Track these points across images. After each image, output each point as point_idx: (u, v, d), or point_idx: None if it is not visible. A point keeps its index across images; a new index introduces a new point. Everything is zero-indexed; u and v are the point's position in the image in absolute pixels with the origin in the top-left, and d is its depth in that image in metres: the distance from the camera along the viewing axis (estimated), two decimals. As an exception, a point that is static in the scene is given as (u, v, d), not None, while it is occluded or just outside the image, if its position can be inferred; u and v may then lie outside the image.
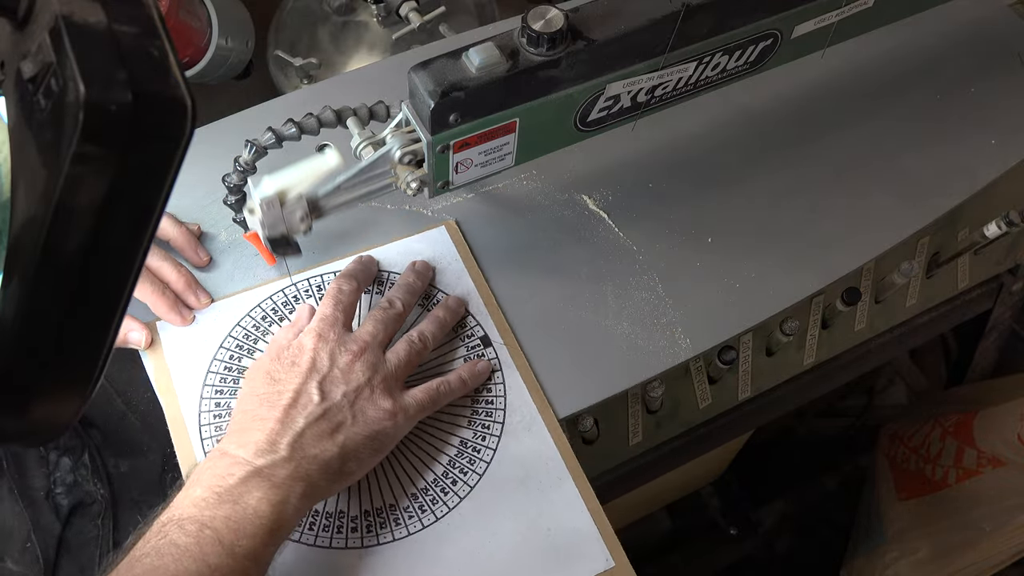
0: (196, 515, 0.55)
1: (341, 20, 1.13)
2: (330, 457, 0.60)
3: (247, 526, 0.55)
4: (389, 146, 0.65)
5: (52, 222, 0.36)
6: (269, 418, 0.60)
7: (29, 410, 0.43)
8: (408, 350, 0.67)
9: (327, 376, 0.63)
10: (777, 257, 0.78)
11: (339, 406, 0.62)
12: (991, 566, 1.16)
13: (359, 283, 0.70)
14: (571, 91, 0.65)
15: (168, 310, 0.71)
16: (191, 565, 0.53)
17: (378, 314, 0.68)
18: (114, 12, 0.35)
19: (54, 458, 0.87)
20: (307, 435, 0.60)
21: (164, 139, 0.36)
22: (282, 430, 0.59)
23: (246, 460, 0.58)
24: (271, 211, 0.63)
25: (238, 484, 0.56)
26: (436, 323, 0.70)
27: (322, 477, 0.59)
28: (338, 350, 0.64)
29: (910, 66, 0.91)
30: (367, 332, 0.66)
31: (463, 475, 0.67)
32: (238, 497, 0.56)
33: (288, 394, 0.61)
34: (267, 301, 0.73)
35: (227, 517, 0.55)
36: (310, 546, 0.64)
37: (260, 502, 0.56)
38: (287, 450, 0.59)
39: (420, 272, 0.74)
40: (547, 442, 0.68)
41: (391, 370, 0.65)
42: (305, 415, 0.60)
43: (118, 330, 0.42)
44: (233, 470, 0.57)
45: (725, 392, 0.84)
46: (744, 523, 1.45)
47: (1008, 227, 0.83)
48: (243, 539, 0.55)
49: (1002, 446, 1.15)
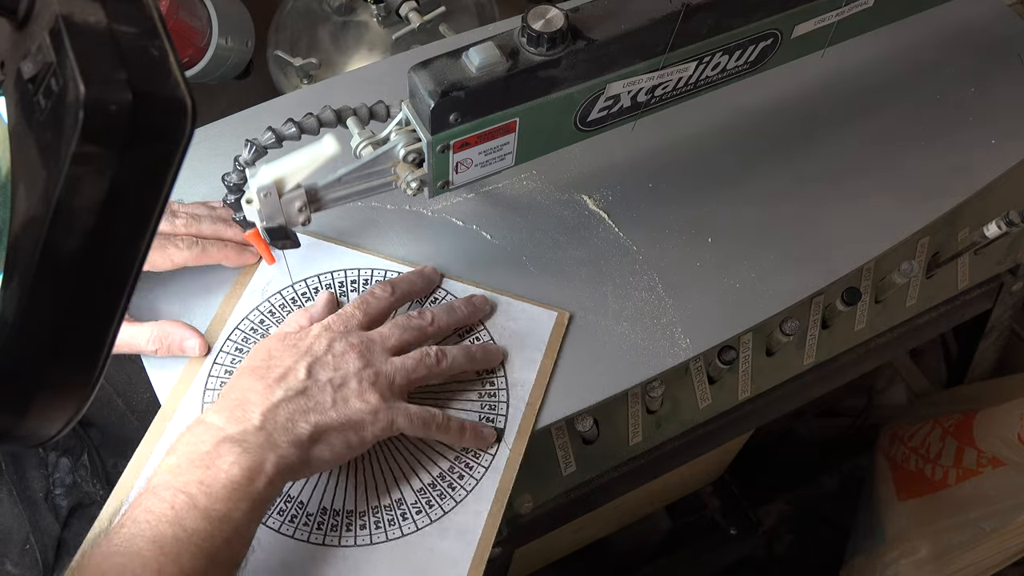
0: (170, 481, 0.55)
1: (341, 20, 1.13)
2: (301, 434, 0.59)
3: (220, 489, 0.55)
4: (394, 143, 0.65)
5: (52, 222, 0.36)
6: (251, 389, 0.61)
7: (29, 410, 0.43)
8: (418, 360, 0.65)
9: (319, 359, 0.63)
10: (777, 257, 0.78)
11: (321, 387, 0.61)
12: (991, 566, 1.15)
13: (397, 295, 0.69)
14: (571, 91, 0.65)
15: (238, 256, 0.72)
16: (167, 530, 0.53)
17: (402, 320, 0.67)
18: (114, 12, 0.35)
19: (53, 459, 0.87)
20: (282, 409, 0.60)
21: (164, 139, 0.36)
22: (258, 400, 0.60)
23: (219, 427, 0.58)
24: (268, 201, 0.63)
25: (210, 450, 0.57)
26: (466, 353, 0.68)
27: (293, 452, 0.58)
28: (339, 339, 0.64)
29: (910, 66, 0.91)
30: (378, 332, 0.66)
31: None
32: (210, 462, 0.56)
33: (277, 370, 0.62)
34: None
35: (200, 481, 0.55)
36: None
37: (232, 466, 0.56)
38: (259, 419, 0.59)
39: (475, 306, 0.72)
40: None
41: (389, 371, 0.64)
42: (285, 389, 0.60)
43: (118, 330, 0.42)
44: (205, 436, 0.58)
45: (725, 392, 0.84)
46: (744, 523, 1.45)
47: (1008, 227, 0.83)
48: (217, 503, 0.55)
49: (1002, 446, 1.15)
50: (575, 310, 0.74)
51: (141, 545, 0.52)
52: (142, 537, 0.53)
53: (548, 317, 0.73)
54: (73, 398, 0.44)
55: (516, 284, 0.75)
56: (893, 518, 1.26)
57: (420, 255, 0.76)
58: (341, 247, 0.76)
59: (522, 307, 0.73)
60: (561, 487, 0.80)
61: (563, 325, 0.73)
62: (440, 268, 0.75)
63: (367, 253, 0.76)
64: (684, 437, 0.85)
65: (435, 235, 0.77)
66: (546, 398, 0.70)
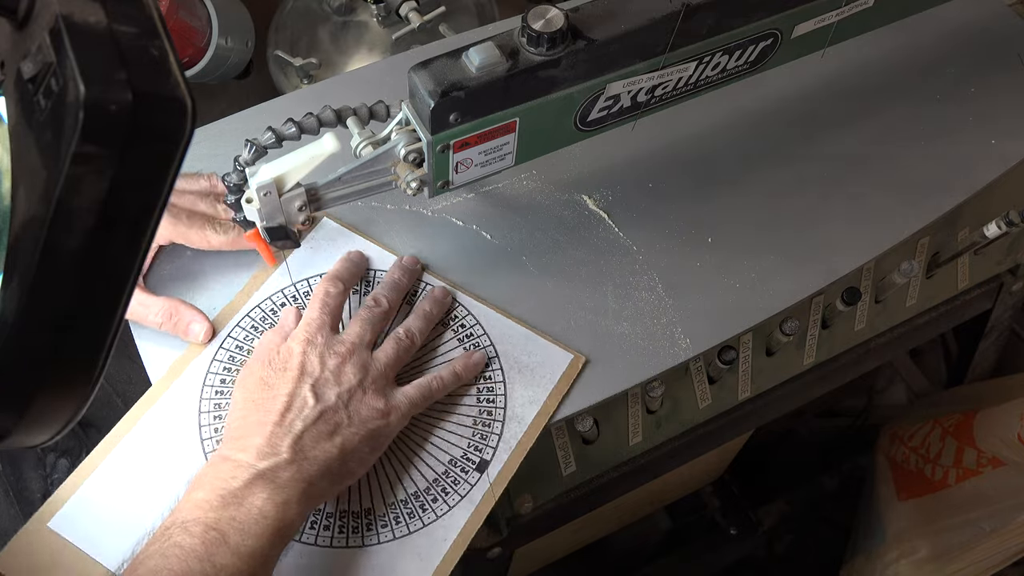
0: (201, 517, 0.56)
1: (341, 20, 1.13)
2: (330, 458, 0.60)
3: (252, 527, 0.55)
4: (395, 142, 0.65)
5: (52, 222, 0.36)
6: (266, 422, 0.61)
7: (29, 410, 0.43)
8: (396, 348, 0.67)
9: (319, 379, 0.63)
10: (777, 257, 0.78)
11: (334, 408, 0.62)
12: (991, 566, 1.15)
13: (345, 284, 0.71)
14: (571, 91, 0.65)
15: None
16: (196, 565, 0.53)
17: (364, 314, 0.68)
18: (114, 12, 0.35)
19: (52, 459, 0.86)
20: (306, 438, 0.60)
21: (164, 139, 0.36)
22: (281, 433, 0.60)
23: (249, 463, 0.58)
24: (268, 200, 0.63)
25: (242, 487, 0.57)
26: (423, 318, 0.71)
27: (323, 478, 0.60)
28: (326, 352, 0.64)
29: (910, 66, 0.91)
30: (353, 334, 0.66)
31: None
32: (242, 499, 0.56)
33: (282, 398, 0.62)
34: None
35: (232, 518, 0.55)
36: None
37: (265, 503, 0.56)
38: (289, 452, 0.59)
39: (407, 268, 0.73)
40: None
41: (380, 369, 0.65)
42: (302, 418, 0.61)
43: (119, 330, 0.42)
44: (236, 473, 0.58)
45: (725, 392, 0.84)
46: (744, 523, 1.44)
47: (1008, 227, 0.83)
48: (248, 539, 0.55)
49: (1002, 446, 1.15)
50: (575, 310, 0.74)
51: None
52: (170, 571, 0.53)
53: (563, 359, 0.71)
54: (73, 398, 0.44)
55: (533, 310, 0.74)
56: (893, 518, 1.26)
57: (419, 255, 0.76)
58: (356, 235, 0.76)
59: (539, 343, 0.72)
60: (561, 487, 0.80)
61: (576, 369, 0.71)
62: (438, 268, 0.75)
63: (375, 243, 0.76)
64: (684, 437, 0.85)
65: (435, 235, 0.77)
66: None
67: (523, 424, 0.69)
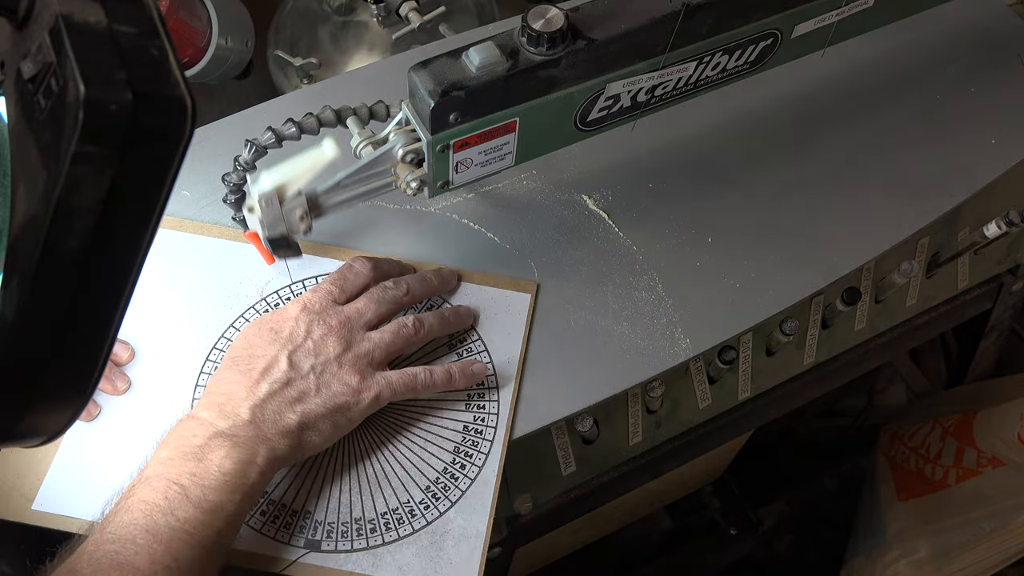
0: (162, 472, 0.57)
1: (341, 20, 1.13)
2: (289, 424, 0.61)
3: (212, 481, 0.57)
4: (391, 144, 0.65)
5: (52, 222, 0.36)
6: (237, 383, 0.62)
7: (29, 410, 0.43)
8: (395, 332, 0.66)
9: (300, 347, 0.63)
10: (777, 257, 0.78)
11: (304, 376, 0.62)
12: (991, 566, 1.15)
13: (376, 269, 0.70)
14: (571, 91, 0.65)
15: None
16: (160, 519, 0.55)
17: (376, 292, 0.68)
18: (114, 12, 0.35)
19: (54, 458, 0.86)
20: (269, 403, 0.61)
21: (164, 139, 0.36)
22: (246, 396, 0.61)
23: (209, 422, 0.59)
24: (270, 209, 0.63)
25: (202, 444, 0.58)
26: (440, 319, 0.69)
27: (283, 442, 0.60)
28: (316, 321, 0.65)
29: (910, 66, 0.91)
30: (354, 308, 0.66)
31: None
32: (202, 456, 0.58)
33: (260, 361, 0.63)
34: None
35: (192, 473, 0.57)
36: None
37: (224, 459, 0.57)
38: (248, 414, 0.60)
39: (443, 276, 0.73)
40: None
41: (368, 348, 0.65)
42: (270, 382, 0.62)
43: (118, 330, 0.42)
44: (197, 431, 0.59)
45: (725, 392, 0.84)
46: (744, 523, 1.45)
47: (1008, 227, 0.83)
48: (210, 494, 0.56)
49: (1002, 446, 1.15)
50: (575, 310, 0.74)
51: (135, 533, 0.54)
52: (135, 525, 0.54)
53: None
54: (73, 398, 0.44)
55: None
56: (893, 518, 1.26)
57: (419, 254, 0.76)
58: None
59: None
60: (561, 487, 0.80)
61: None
62: (440, 268, 0.75)
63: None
64: (684, 437, 0.85)
65: (435, 235, 0.77)
66: (542, 400, 0.70)
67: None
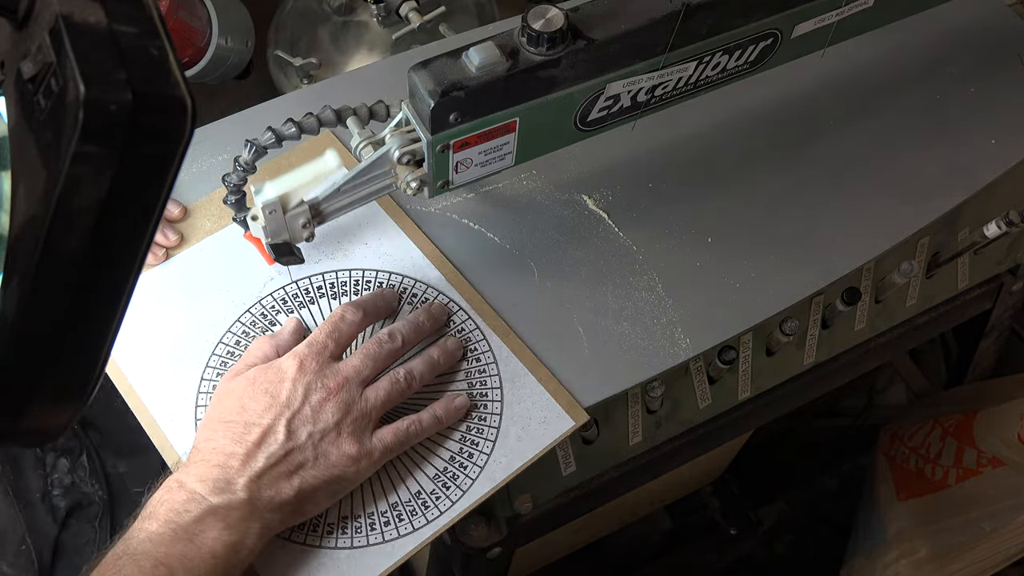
0: (151, 551, 0.55)
1: (341, 20, 1.13)
2: (286, 498, 0.59)
3: (201, 565, 0.55)
4: (388, 146, 0.65)
5: (52, 222, 0.36)
6: (232, 453, 0.60)
7: (28, 411, 0.43)
8: (389, 389, 0.65)
9: (297, 413, 0.61)
10: (777, 257, 0.78)
11: (302, 447, 0.60)
12: (991, 566, 1.15)
13: (367, 316, 0.68)
14: (571, 91, 0.65)
15: None
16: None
17: (372, 347, 0.66)
18: (114, 12, 0.35)
19: (51, 459, 0.87)
20: (266, 476, 0.59)
21: (164, 139, 0.36)
22: (241, 468, 0.59)
23: (202, 497, 0.57)
24: (273, 217, 0.63)
25: (194, 522, 0.56)
26: (428, 364, 0.68)
27: (276, 517, 0.59)
28: (315, 384, 0.62)
29: (910, 66, 0.91)
30: (351, 367, 0.64)
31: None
32: (193, 536, 0.56)
33: (257, 430, 0.60)
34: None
35: (182, 555, 0.55)
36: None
37: (215, 543, 0.56)
38: (244, 491, 0.58)
39: (434, 315, 0.70)
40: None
41: (365, 410, 0.63)
42: (267, 455, 0.60)
43: (118, 331, 0.42)
44: (190, 507, 0.57)
45: (725, 392, 0.84)
46: (744, 523, 1.44)
47: (1008, 227, 0.83)
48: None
49: (1002, 446, 1.15)
50: (575, 310, 0.74)
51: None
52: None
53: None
54: (72, 399, 0.44)
55: (533, 311, 0.73)
56: (893, 518, 1.26)
57: (419, 254, 0.76)
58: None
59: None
60: (561, 487, 0.80)
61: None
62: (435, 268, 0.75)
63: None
64: (684, 437, 0.85)
65: (435, 235, 0.77)
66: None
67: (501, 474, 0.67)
